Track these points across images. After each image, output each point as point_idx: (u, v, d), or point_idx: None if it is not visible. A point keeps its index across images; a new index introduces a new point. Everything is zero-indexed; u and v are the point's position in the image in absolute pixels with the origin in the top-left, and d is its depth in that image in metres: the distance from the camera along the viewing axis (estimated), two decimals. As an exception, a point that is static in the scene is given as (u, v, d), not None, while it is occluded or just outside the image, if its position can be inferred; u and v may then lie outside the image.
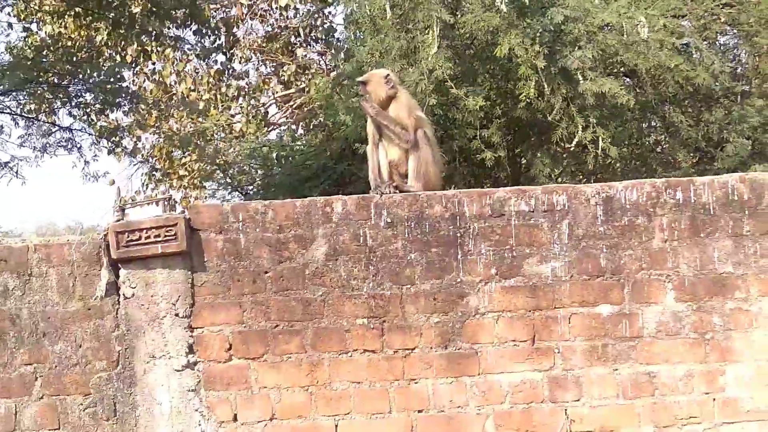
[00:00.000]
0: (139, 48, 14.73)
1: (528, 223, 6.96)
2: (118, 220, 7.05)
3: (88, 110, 14.29)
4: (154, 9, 12.48)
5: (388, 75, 7.70)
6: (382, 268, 6.92)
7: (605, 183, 7.05)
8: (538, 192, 7.01)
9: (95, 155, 16.39)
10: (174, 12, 13.20)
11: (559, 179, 11.80)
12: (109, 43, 14.65)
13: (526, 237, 6.95)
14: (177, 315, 6.85)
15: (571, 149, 11.26)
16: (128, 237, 6.89)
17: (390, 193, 7.15)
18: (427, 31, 10.38)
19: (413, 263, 6.93)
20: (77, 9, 13.13)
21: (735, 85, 11.45)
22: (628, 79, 11.92)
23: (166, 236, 6.91)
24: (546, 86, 10.07)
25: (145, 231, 6.91)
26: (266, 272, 6.92)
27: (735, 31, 12.26)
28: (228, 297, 6.88)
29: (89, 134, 15.75)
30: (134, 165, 18.06)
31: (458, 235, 6.96)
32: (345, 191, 11.57)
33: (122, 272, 6.90)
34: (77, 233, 30.47)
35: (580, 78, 10.14)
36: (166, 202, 7.78)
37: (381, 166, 7.55)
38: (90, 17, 13.22)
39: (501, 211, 6.97)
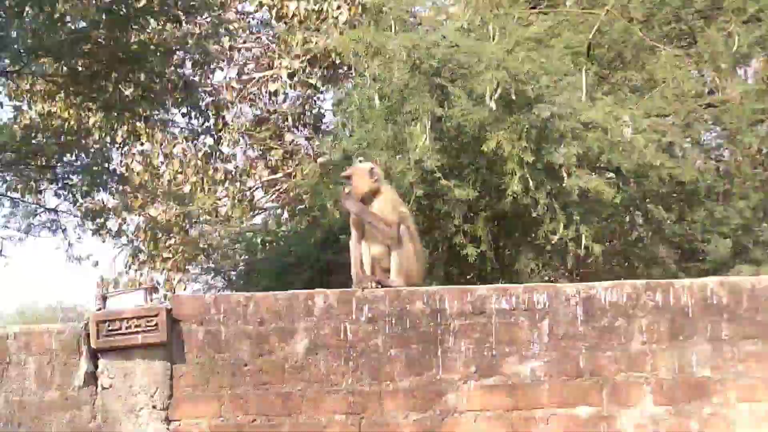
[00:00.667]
0: (129, 130, 14.82)
1: (508, 321, 6.99)
2: (99, 309, 7.05)
3: (74, 191, 14.33)
4: (145, 93, 12.60)
5: (372, 169, 7.77)
6: (362, 363, 6.92)
7: (586, 283, 7.10)
8: (519, 290, 7.05)
9: (79, 237, 16.38)
10: (165, 96, 13.31)
11: (543, 273, 11.84)
12: (99, 125, 14.74)
13: (506, 335, 6.97)
14: (155, 407, 6.81)
15: (555, 244, 11.31)
16: (109, 326, 6.89)
17: (372, 288, 7.17)
18: (414, 123, 10.48)
19: (393, 359, 6.93)
20: (69, 88, 13.23)
21: (718, 184, 11.56)
22: (612, 175, 12.02)
23: (147, 326, 6.91)
24: (531, 181, 10.16)
25: (126, 321, 6.91)
26: (246, 365, 6.91)
27: (718, 130, 12.41)
28: (207, 390, 6.85)
29: (74, 216, 15.76)
30: (118, 247, 18.05)
31: (439, 331, 6.97)
32: (328, 280, 11.54)
33: (101, 362, 6.88)
34: (57, 313, 30.36)
35: (565, 174, 10.23)
36: (147, 291, 7.79)
37: (363, 260, 7.59)
38: (81, 98, 13.33)
39: (482, 308, 7.00)
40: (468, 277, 11.78)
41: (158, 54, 12.30)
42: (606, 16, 11.69)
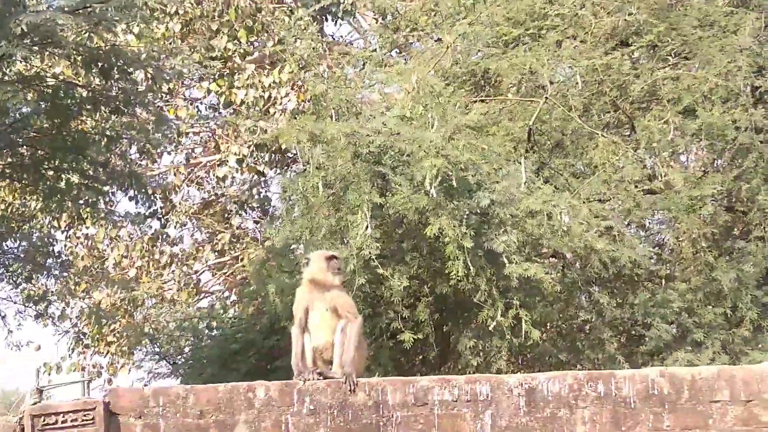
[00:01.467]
0: (72, 214, 14.72)
1: (451, 412, 6.99)
2: (35, 403, 6.95)
3: (14, 277, 14.16)
4: (89, 182, 12.55)
5: None
6: (304, 456, 6.86)
7: (528, 374, 7.13)
8: (461, 381, 7.07)
9: (20, 324, 16.18)
10: (110, 183, 13.27)
11: (488, 359, 11.83)
12: (43, 210, 14.63)
13: (448, 427, 6.97)
14: (91, 504, 6.69)
15: (498, 329, 11.36)
16: (44, 420, 6.81)
17: (313, 379, 7.15)
18: (356, 210, 10.54)
19: (335, 452, 6.88)
20: (12, 175, 13.15)
21: (659, 268, 11.69)
22: (554, 259, 12.14)
23: (83, 420, 6.84)
24: (472, 267, 10.22)
25: (62, 415, 6.84)
26: (185, 459, 6.82)
27: (659, 216, 12.60)
28: (145, 486, 6.75)
29: (14, 302, 15.56)
30: (60, 332, 17.82)
31: (381, 423, 6.96)
32: (273, 366, 11.49)
33: (37, 457, 6.76)
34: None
35: (506, 261, 10.31)
36: (85, 384, 7.72)
37: (305, 351, 7.57)
38: (23, 184, 13.24)
39: (424, 399, 7.00)
40: (413, 363, 11.77)
41: (101, 142, 12.27)
42: (545, 104, 11.88)
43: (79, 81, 12.68)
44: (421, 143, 10.39)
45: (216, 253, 17.93)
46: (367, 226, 10.21)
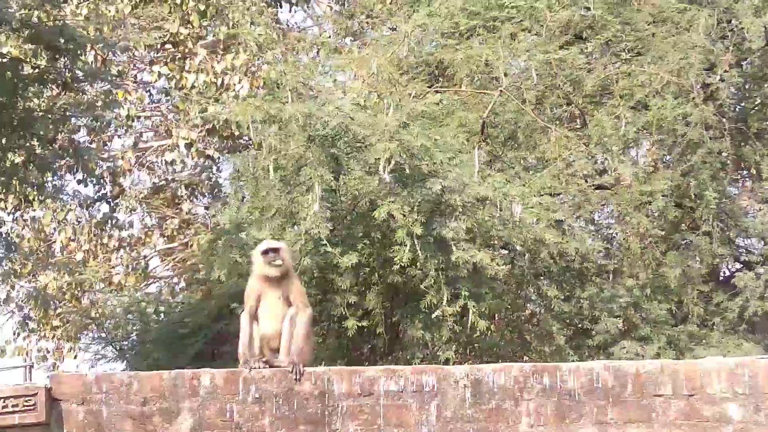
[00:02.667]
0: (19, 196, 14.51)
1: (397, 403, 6.97)
2: (-25, 388, 6.84)
3: (-41, 257, 13.94)
4: (35, 160, 12.35)
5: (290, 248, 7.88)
6: (248, 445, 6.81)
7: (474, 365, 7.13)
8: (407, 372, 7.05)
9: (-37, 305, 15.96)
10: (57, 162, 13.07)
11: (435, 347, 11.84)
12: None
13: (394, 417, 6.95)
14: (31, 490, 6.60)
15: (447, 319, 11.37)
16: (-16, 405, 6.68)
17: (259, 368, 7.10)
18: (308, 193, 10.50)
19: (280, 441, 6.84)
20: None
21: (607, 263, 11.77)
22: (504, 251, 12.16)
23: (25, 406, 6.75)
24: (421, 253, 10.21)
25: (2, 400, 6.73)
26: (128, 446, 6.75)
27: (609, 210, 12.67)
28: (86, 472, 6.66)
29: (-42, 283, 15.33)
30: (6, 314, 17.59)
31: (326, 413, 6.93)
32: (221, 350, 11.43)
33: (-24, 442, 6.66)
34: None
35: (454, 248, 10.31)
36: (27, 369, 7.61)
37: (253, 339, 7.50)
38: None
39: (370, 390, 6.98)
40: (360, 352, 11.76)
41: (49, 120, 12.07)
42: (500, 96, 11.90)
43: (26, 58, 12.47)
44: (375, 128, 10.37)
45: (165, 239, 17.78)
46: (317, 206, 10.16)
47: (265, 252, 7.70)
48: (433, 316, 10.34)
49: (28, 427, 6.71)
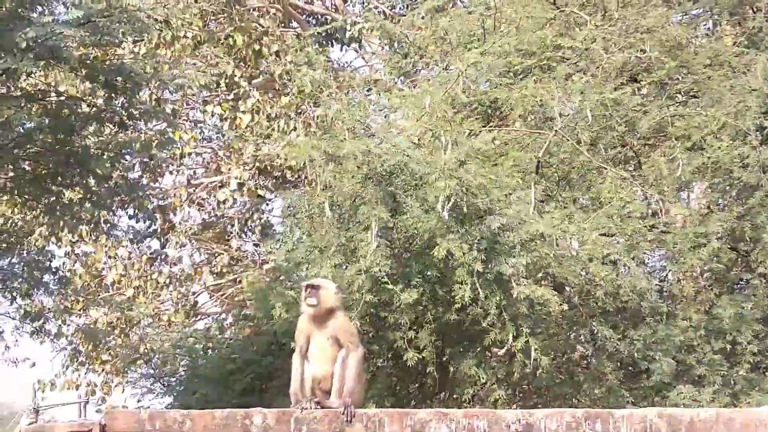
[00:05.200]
0: (72, 231, 14.69)
1: (449, 445, 6.90)
2: (31, 423, 6.89)
3: (13, 293, 14.09)
4: (90, 196, 12.51)
5: (338, 287, 7.86)
6: (301, 485, 6.77)
7: (526, 410, 7.06)
8: (459, 415, 6.99)
9: (16, 341, 16.13)
10: (111, 198, 13.24)
11: (487, 385, 11.77)
12: (43, 225, 14.61)
13: (447, 460, 6.87)
14: None
15: (500, 358, 11.29)
16: (40, 440, 6.72)
17: (311, 409, 7.08)
18: (365, 231, 10.52)
19: (333, 482, 6.79)
20: (14, 190, 13.12)
21: (660, 305, 11.64)
22: (556, 292, 12.08)
23: (80, 441, 6.74)
24: (481, 291, 10.17)
25: (58, 435, 6.74)
26: (182, 483, 6.73)
27: (663, 252, 12.55)
28: None
29: (11, 318, 15.51)
30: (57, 349, 17.74)
31: (379, 454, 6.87)
32: (269, 386, 11.43)
33: (31, 476, 6.68)
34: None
35: (514, 284, 10.27)
36: (82, 405, 7.66)
37: (304, 379, 7.49)
38: (25, 200, 13.19)
39: (421, 432, 6.92)
40: (409, 389, 11.70)
41: (104, 158, 12.24)
42: (554, 136, 11.87)
43: (84, 97, 12.67)
44: (433, 165, 10.38)
45: (214, 275, 17.87)
46: (377, 245, 10.17)
47: (305, 288, 7.73)
48: (500, 353, 10.28)
49: (83, 461, 6.72)
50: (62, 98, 12.56)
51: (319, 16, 19.37)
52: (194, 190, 17.88)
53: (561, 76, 12.13)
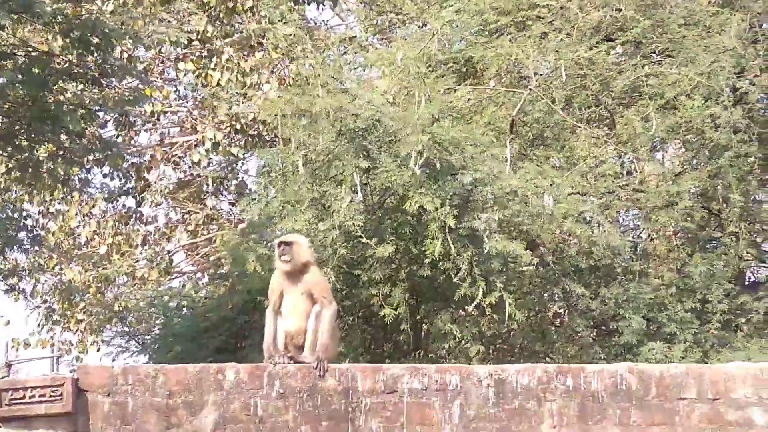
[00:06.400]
0: (46, 189, 14.59)
1: (420, 401, 6.98)
2: (3, 377, 6.91)
3: (-15, 250, 14.00)
4: (64, 153, 12.43)
5: (311, 241, 7.85)
6: (272, 439, 6.82)
7: (497, 365, 7.13)
8: (431, 370, 7.05)
9: (-9, 296, 16.04)
10: (84, 155, 13.15)
11: (459, 345, 11.84)
12: (16, 182, 14.49)
13: (417, 415, 6.95)
14: (57, 479, 6.64)
15: (474, 313, 11.35)
16: (12, 395, 6.76)
17: (284, 363, 7.11)
18: (339, 186, 10.52)
19: (303, 436, 6.84)
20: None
21: (632, 264, 11.72)
22: (529, 251, 12.13)
23: (51, 396, 6.79)
24: (453, 246, 10.20)
25: (30, 390, 6.79)
26: (152, 438, 6.77)
27: (636, 211, 12.62)
28: (111, 462, 6.69)
29: (-15, 276, 15.44)
30: (31, 307, 17.67)
31: (350, 409, 6.94)
32: (244, 344, 11.46)
33: (2, 431, 6.70)
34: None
35: (486, 240, 10.30)
36: (54, 360, 7.67)
37: (278, 335, 7.51)
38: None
39: (394, 387, 6.99)
40: (384, 346, 11.76)
41: (78, 114, 12.14)
42: (529, 95, 11.87)
43: (57, 52, 12.55)
44: (407, 121, 10.37)
45: (189, 233, 17.80)
46: (351, 199, 10.17)
47: (278, 245, 7.73)
48: (470, 308, 10.33)
49: (54, 416, 6.76)
50: (33, 54, 12.43)
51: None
52: (169, 149, 17.77)
53: (536, 34, 12.12)
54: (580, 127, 12.00)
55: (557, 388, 7.01)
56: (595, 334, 11.88)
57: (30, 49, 12.68)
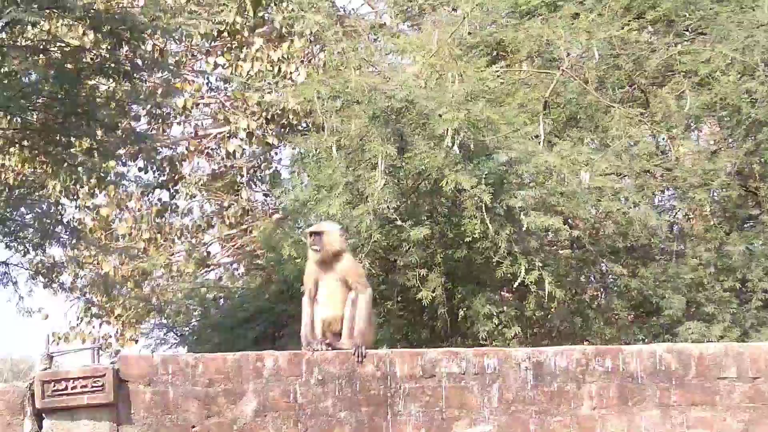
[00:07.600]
0: (82, 184, 14.72)
1: (459, 385, 6.98)
2: (45, 369, 6.96)
3: (25, 244, 14.14)
4: (98, 146, 12.53)
5: (342, 229, 7.84)
6: (311, 426, 6.88)
7: (536, 348, 7.11)
8: (469, 354, 7.04)
9: (30, 290, 16.19)
10: (119, 148, 13.26)
11: (498, 327, 11.80)
12: (52, 177, 14.63)
13: (456, 399, 6.95)
14: (100, 469, 6.70)
15: (512, 297, 11.32)
16: (54, 387, 6.82)
17: (322, 350, 7.13)
18: (373, 170, 10.52)
19: (343, 422, 6.89)
20: (22, 142, 13.16)
21: (670, 245, 11.64)
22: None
23: (93, 387, 6.84)
24: (490, 225, 10.16)
25: (72, 381, 6.84)
26: (194, 426, 6.87)
27: (672, 191, 12.52)
28: (153, 452, 6.75)
29: (25, 269, 15.57)
30: (70, 300, 17.83)
31: (389, 395, 6.94)
32: (282, 333, 11.50)
33: (46, 423, 6.80)
34: (7, 365, 29.88)
35: (523, 216, 10.26)
36: (95, 351, 7.73)
37: (315, 322, 7.54)
38: (33, 152, 13.24)
39: (432, 372, 6.99)
40: (421, 332, 11.75)
41: (111, 107, 12.24)
42: (561, 76, 11.80)
43: (88, 47, 12.64)
44: (441, 101, 10.32)
45: (225, 226, 17.88)
46: (385, 182, 10.15)
47: (309, 235, 7.76)
48: (512, 287, 10.29)
49: (96, 407, 6.81)
50: (66, 48, 12.52)
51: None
52: (201, 141, 17.83)
53: (567, 15, 12.03)
54: (613, 107, 11.90)
55: (596, 370, 6.99)
56: (633, 315, 11.82)
57: (62, 44, 12.78)
